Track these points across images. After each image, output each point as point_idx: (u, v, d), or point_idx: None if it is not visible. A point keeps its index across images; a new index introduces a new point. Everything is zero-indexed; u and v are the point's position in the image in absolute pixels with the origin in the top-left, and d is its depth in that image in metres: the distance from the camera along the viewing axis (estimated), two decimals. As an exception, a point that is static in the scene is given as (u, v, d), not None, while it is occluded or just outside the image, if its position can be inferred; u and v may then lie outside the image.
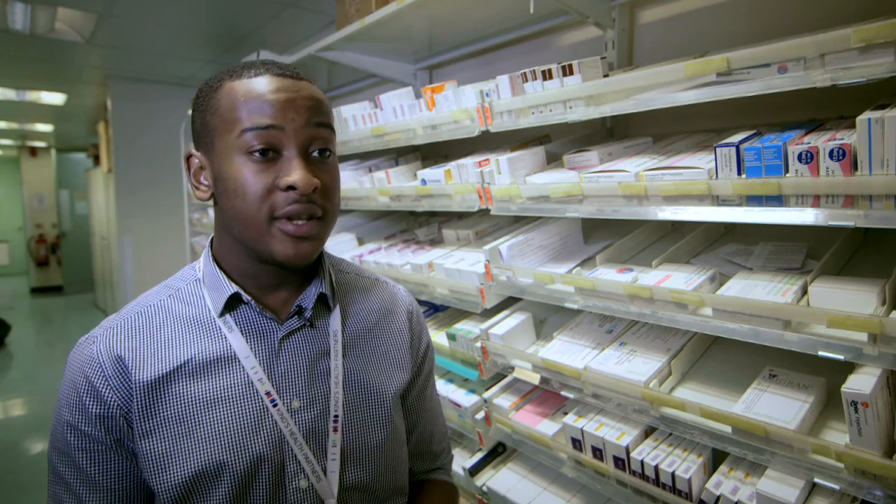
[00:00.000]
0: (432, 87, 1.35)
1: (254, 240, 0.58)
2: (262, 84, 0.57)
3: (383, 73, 1.89)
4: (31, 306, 6.83)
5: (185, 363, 0.58)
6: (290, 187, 0.56)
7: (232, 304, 0.61)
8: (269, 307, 0.63)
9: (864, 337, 0.68)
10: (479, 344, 1.18)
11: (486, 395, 1.21)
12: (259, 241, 0.57)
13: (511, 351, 1.13)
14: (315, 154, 0.59)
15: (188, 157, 0.63)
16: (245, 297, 0.61)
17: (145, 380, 0.57)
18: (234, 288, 0.61)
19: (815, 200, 0.71)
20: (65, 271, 7.71)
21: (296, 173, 0.56)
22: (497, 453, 1.30)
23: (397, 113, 1.44)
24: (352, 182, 1.71)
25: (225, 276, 0.61)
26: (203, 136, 0.60)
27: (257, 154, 0.56)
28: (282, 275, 0.63)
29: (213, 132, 0.58)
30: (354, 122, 1.61)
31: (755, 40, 0.91)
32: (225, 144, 0.57)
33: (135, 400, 0.56)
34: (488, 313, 1.23)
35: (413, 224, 1.88)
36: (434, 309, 1.57)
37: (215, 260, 0.64)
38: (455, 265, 1.28)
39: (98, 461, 0.56)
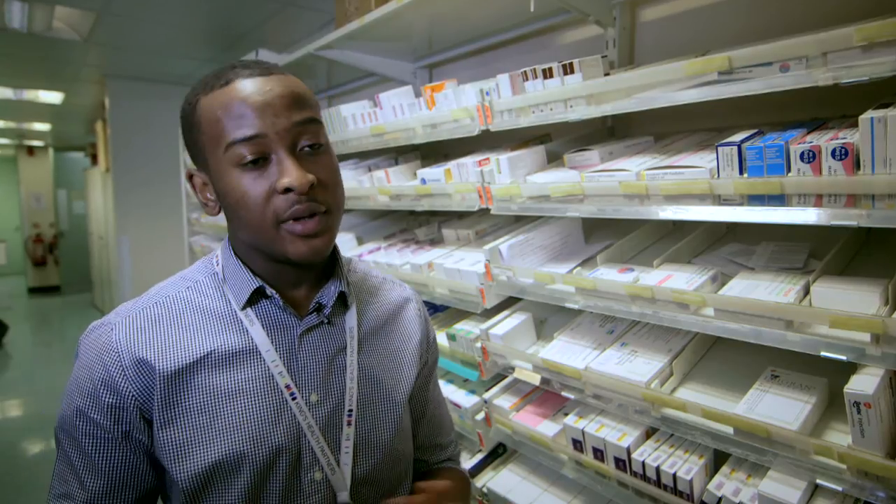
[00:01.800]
0: (432, 86, 1.35)
1: (266, 244, 0.59)
2: (232, 94, 0.56)
3: (383, 72, 1.88)
4: (29, 306, 6.81)
5: (208, 354, 0.59)
6: (287, 189, 0.56)
7: (254, 298, 0.62)
8: (289, 302, 0.64)
9: (866, 337, 0.68)
10: (479, 344, 1.18)
11: (487, 395, 1.21)
12: (272, 245, 0.58)
13: (511, 351, 1.13)
14: (306, 149, 0.58)
15: (191, 177, 0.63)
16: (269, 290, 0.62)
17: (168, 370, 0.57)
18: (258, 282, 0.61)
19: (818, 200, 0.70)
20: (62, 271, 7.69)
21: (289, 174, 0.55)
22: (497, 454, 1.30)
23: (397, 112, 1.44)
24: (351, 181, 1.70)
25: (248, 271, 0.62)
26: (197, 155, 0.61)
27: (249, 164, 0.56)
28: (299, 272, 0.64)
29: (203, 149, 0.59)
30: (354, 121, 1.61)
31: (757, 39, 0.91)
32: (216, 160, 0.58)
33: (156, 391, 0.57)
34: (488, 313, 1.23)
35: (413, 224, 1.87)
36: (434, 309, 1.56)
37: (236, 255, 0.64)
38: (455, 265, 1.28)
39: (103, 448, 0.57)
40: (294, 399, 0.60)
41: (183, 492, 0.57)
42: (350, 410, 0.63)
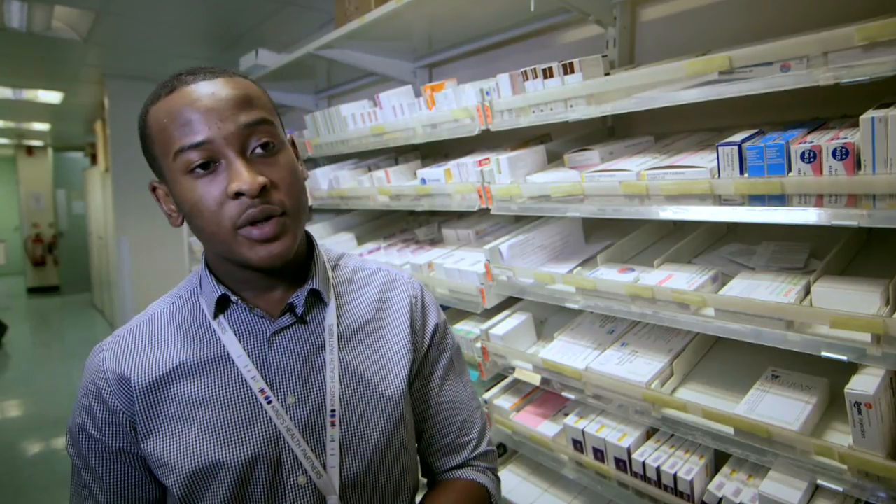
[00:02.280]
0: (432, 86, 1.34)
1: (226, 252, 0.58)
2: (177, 100, 0.55)
3: (383, 72, 1.88)
4: (28, 306, 6.80)
5: (180, 365, 0.60)
6: (238, 193, 0.54)
7: (224, 305, 0.63)
8: (262, 307, 0.63)
9: (867, 337, 0.68)
10: (479, 344, 1.18)
11: (487, 395, 1.21)
12: (231, 252, 0.57)
13: (511, 351, 1.12)
14: (257, 150, 0.56)
15: (154, 189, 0.63)
16: (233, 297, 0.62)
17: (144, 384, 0.59)
18: (221, 290, 0.62)
19: (818, 200, 0.70)
20: (62, 271, 7.67)
21: (238, 178, 0.54)
22: (497, 455, 1.29)
23: (397, 112, 1.43)
24: (351, 181, 1.70)
25: (214, 280, 0.63)
26: (154, 166, 0.61)
27: (199, 169, 0.55)
28: (271, 277, 0.63)
29: (158, 160, 0.59)
30: (353, 120, 1.60)
31: (757, 38, 0.91)
32: (169, 169, 0.57)
33: (136, 404, 0.59)
34: (488, 313, 1.23)
35: (412, 224, 1.87)
36: (433, 309, 1.56)
37: (207, 265, 0.65)
38: (455, 265, 1.28)
39: (105, 463, 0.60)
40: (269, 402, 0.59)
41: (178, 499, 0.59)
42: (333, 410, 0.61)
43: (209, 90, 0.55)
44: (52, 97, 4.53)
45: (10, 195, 8.31)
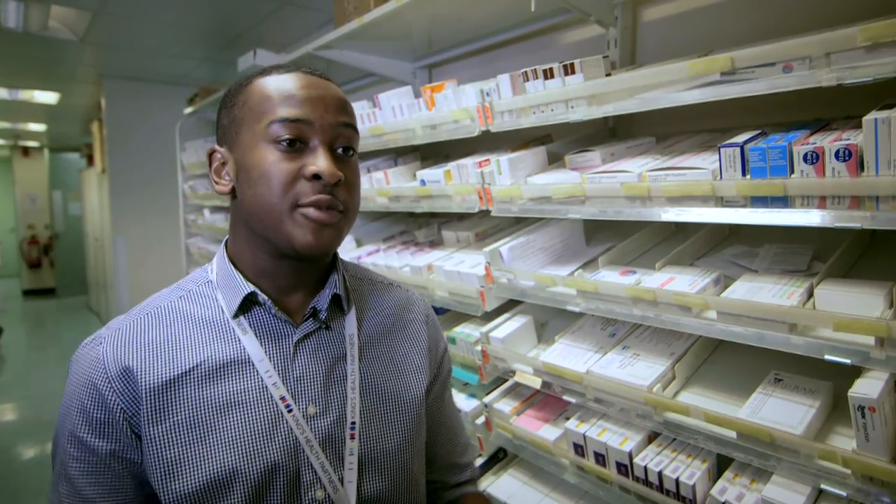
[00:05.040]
0: (432, 87, 1.34)
1: (274, 228, 0.57)
2: (292, 80, 0.59)
3: (382, 72, 1.88)
4: (23, 309, 6.76)
5: (197, 366, 0.56)
6: (315, 176, 0.56)
7: (246, 305, 0.60)
8: (284, 309, 0.61)
9: (870, 340, 0.67)
10: (479, 347, 1.17)
11: (487, 399, 1.20)
12: (279, 228, 0.56)
13: (512, 355, 1.12)
14: (339, 151, 0.60)
15: (211, 153, 0.63)
16: (261, 297, 0.60)
17: (154, 384, 0.55)
18: (250, 287, 0.59)
19: (821, 202, 0.70)
20: (57, 273, 7.63)
21: (321, 162, 0.56)
22: (498, 459, 1.29)
23: (396, 112, 1.43)
24: (349, 183, 1.69)
25: (241, 276, 0.60)
26: (229, 131, 0.61)
27: (284, 143, 0.56)
28: (299, 273, 0.62)
29: (239, 124, 0.59)
30: (352, 121, 1.59)
31: (760, 39, 0.90)
32: (252, 135, 0.58)
33: (143, 405, 0.54)
34: (489, 316, 1.22)
35: (412, 225, 1.86)
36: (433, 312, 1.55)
37: (231, 260, 0.63)
38: (455, 267, 1.27)
39: (89, 473, 0.55)
40: (290, 411, 0.57)
41: None
42: (353, 423, 0.60)
43: (322, 85, 0.60)
44: (49, 97, 4.52)
45: (6, 196, 8.27)
